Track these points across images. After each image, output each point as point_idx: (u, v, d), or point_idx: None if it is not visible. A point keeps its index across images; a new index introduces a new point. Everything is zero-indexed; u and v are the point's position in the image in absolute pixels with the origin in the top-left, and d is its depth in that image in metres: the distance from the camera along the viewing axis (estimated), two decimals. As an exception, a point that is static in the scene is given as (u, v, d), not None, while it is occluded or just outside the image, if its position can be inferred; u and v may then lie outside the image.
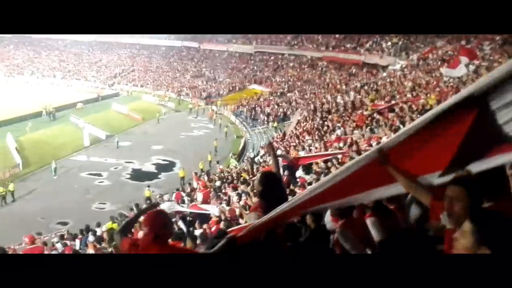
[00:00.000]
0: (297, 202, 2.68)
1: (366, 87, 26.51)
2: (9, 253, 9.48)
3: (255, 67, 53.70)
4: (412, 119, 11.59)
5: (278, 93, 41.76)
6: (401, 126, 10.97)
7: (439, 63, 25.30)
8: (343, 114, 20.89)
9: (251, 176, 14.75)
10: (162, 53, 63.97)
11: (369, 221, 3.30)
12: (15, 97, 43.64)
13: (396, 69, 31.61)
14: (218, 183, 15.20)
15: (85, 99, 44.61)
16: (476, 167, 2.01)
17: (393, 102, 18.03)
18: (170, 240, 2.72)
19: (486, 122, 1.88)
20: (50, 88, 51.43)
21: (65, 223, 16.45)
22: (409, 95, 18.78)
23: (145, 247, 2.49)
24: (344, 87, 32.42)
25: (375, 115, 16.55)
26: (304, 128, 21.72)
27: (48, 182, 22.21)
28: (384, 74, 32.34)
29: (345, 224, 3.35)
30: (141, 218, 3.33)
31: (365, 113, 17.94)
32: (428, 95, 17.22)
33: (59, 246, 10.49)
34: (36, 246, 8.11)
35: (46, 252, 8.60)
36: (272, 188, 3.14)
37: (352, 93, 26.15)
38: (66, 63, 62.97)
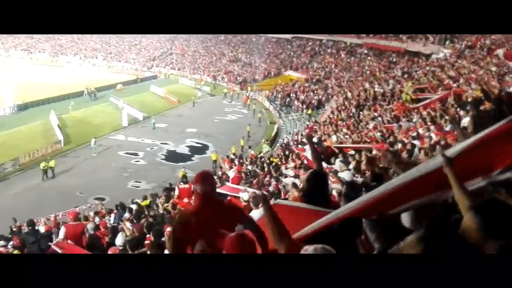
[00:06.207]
0: (353, 207, 2.51)
1: (406, 76, 25.48)
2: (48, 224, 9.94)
3: (292, 53, 52.94)
4: (456, 112, 10.95)
5: (314, 80, 41.05)
6: (445, 116, 10.36)
7: (485, 51, 23.83)
8: (381, 103, 20.20)
9: (283, 162, 14.65)
10: (200, 36, 64.22)
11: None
12: (58, 76, 45.54)
13: (440, 57, 30.16)
14: (249, 167, 15.22)
15: (125, 80, 45.94)
16: None
17: (440, 93, 17.06)
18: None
19: None
20: (92, 69, 53.29)
21: (102, 199, 17.12)
22: (454, 86, 17.80)
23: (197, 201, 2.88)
24: (383, 75, 31.34)
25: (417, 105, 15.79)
26: (339, 116, 21.25)
27: (88, 159, 23.15)
28: (427, 62, 30.92)
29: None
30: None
31: (406, 104, 17.18)
32: (475, 86, 16.23)
33: (96, 220, 10.92)
34: (79, 223, 8.35)
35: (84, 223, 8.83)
36: (317, 189, 2.97)
37: (391, 82, 25.24)
38: (108, 44, 64.76)
